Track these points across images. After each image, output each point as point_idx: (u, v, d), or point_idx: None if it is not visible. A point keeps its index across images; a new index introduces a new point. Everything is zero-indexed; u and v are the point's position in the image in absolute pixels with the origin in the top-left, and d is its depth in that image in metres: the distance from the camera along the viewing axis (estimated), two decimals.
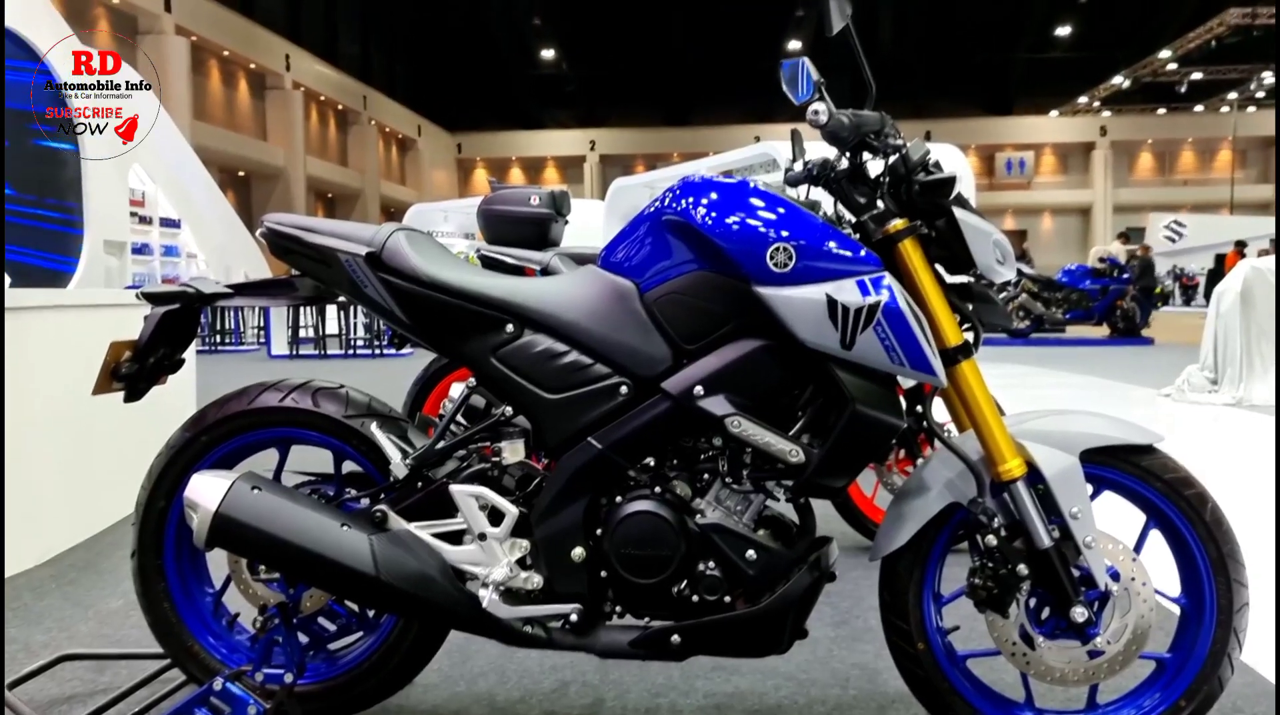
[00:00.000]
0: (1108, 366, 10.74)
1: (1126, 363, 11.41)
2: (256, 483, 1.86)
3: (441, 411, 2.19)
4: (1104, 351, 13.41)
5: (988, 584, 1.81)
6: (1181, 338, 14.81)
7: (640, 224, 1.88)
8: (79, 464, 3.63)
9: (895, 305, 1.71)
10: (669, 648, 1.84)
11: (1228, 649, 1.84)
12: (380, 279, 1.90)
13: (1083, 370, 10.27)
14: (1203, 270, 31.24)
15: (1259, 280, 7.59)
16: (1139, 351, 13.31)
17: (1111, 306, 14.63)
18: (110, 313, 3.86)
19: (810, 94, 1.85)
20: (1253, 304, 7.54)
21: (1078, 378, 9.59)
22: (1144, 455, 1.85)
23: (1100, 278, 14.64)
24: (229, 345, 15.72)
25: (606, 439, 1.84)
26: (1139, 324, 14.72)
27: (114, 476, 3.82)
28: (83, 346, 3.59)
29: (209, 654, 2.05)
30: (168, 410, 3.37)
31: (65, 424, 3.53)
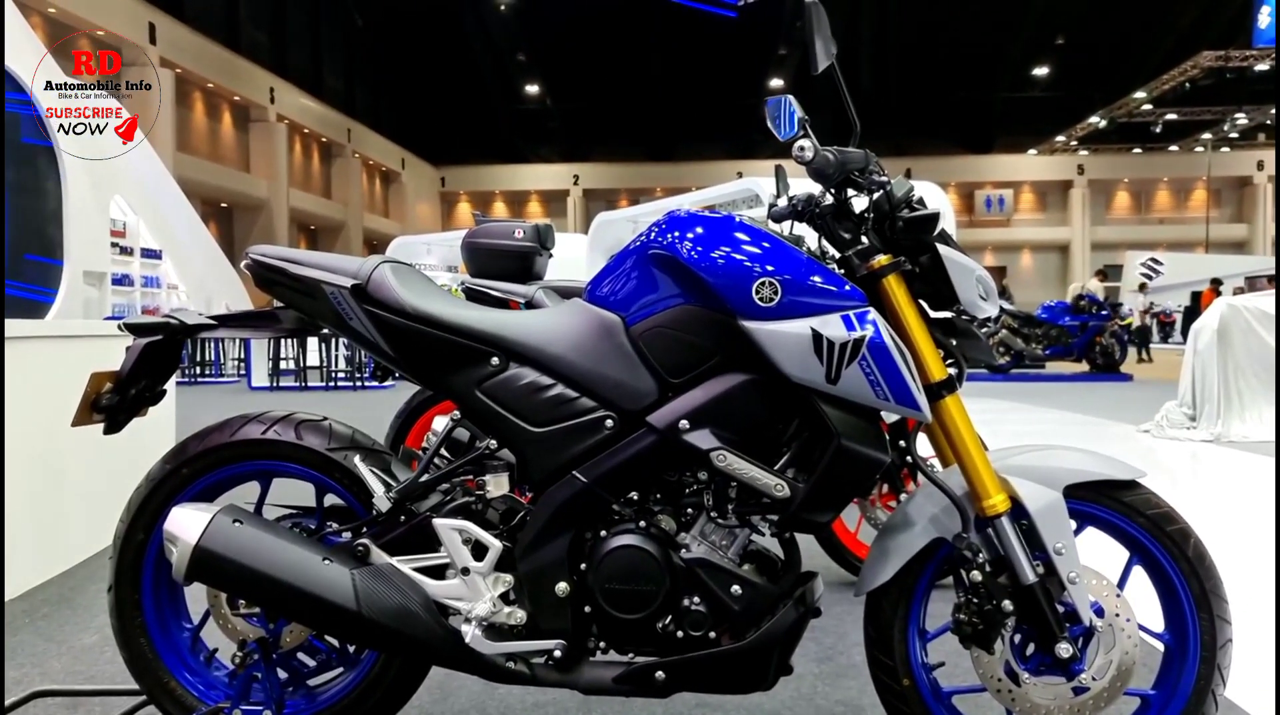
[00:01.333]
0: (1087, 402, 10.80)
1: (1106, 399, 11.48)
2: (238, 516, 1.84)
3: (425, 444, 2.18)
4: (1083, 387, 13.49)
5: (973, 620, 1.81)
6: (1159, 375, 14.94)
7: (626, 258, 1.89)
8: (53, 498, 3.58)
9: (880, 340, 1.72)
10: (653, 684, 1.83)
11: (1212, 685, 1.84)
12: (365, 311, 1.89)
13: (1062, 406, 10.33)
14: (1179, 307, 31.56)
15: (1235, 318, 7.66)
16: (1118, 388, 13.40)
17: (1091, 343, 14.74)
18: (87, 344, 3.84)
19: (795, 131, 1.88)
20: (1229, 342, 7.61)
21: (1057, 414, 9.64)
22: (1127, 491, 1.85)
23: (1080, 314, 14.76)
24: (209, 377, 15.63)
25: (591, 473, 1.83)
26: (1118, 360, 14.84)
27: (89, 510, 3.78)
28: (59, 378, 3.57)
29: (186, 690, 2.02)
30: (145, 443, 3.34)
31: (40, 457, 3.49)
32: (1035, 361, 14.96)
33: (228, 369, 16.41)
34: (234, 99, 30.45)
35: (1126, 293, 30.77)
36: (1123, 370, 14.97)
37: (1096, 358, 14.83)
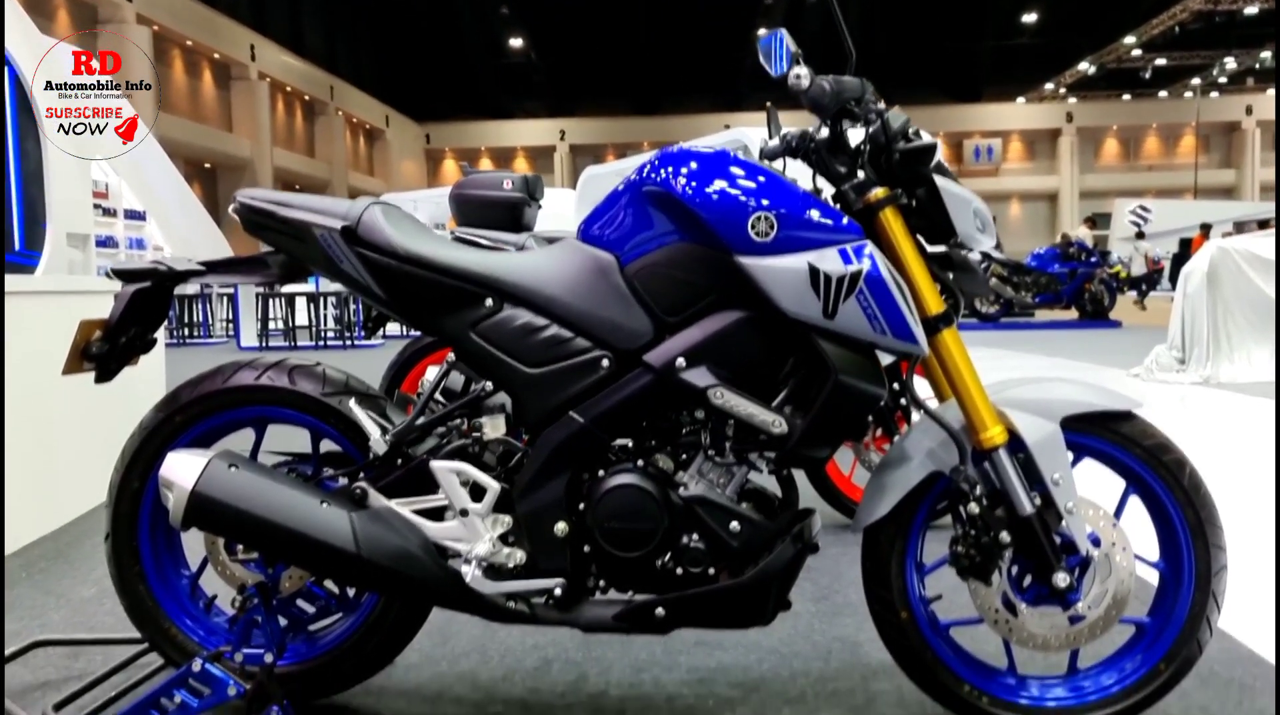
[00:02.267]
0: (1077, 348, 10.85)
1: (1095, 344, 11.53)
2: (233, 461, 1.83)
3: (420, 390, 2.18)
4: (1073, 334, 13.54)
5: (970, 552, 1.82)
6: (1148, 321, 14.98)
7: (620, 196, 1.87)
8: (46, 454, 3.57)
9: (877, 273, 1.71)
10: (653, 621, 1.84)
11: (1206, 612, 1.85)
12: (356, 254, 1.87)
13: (1052, 352, 10.37)
14: (1168, 254, 31.58)
15: (1225, 260, 7.67)
16: (1107, 334, 13.45)
17: (1080, 289, 14.77)
18: (78, 299, 3.80)
19: (788, 66, 1.85)
20: (1219, 284, 7.63)
21: (1047, 360, 9.67)
22: (1124, 422, 1.86)
23: (1069, 261, 14.77)
24: (197, 338, 15.56)
25: (588, 413, 1.82)
26: (1107, 307, 14.88)
27: (82, 466, 3.77)
28: (50, 334, 3.54)
29: (187, 636, 2.03)
30: (136, 396, 3.32)
31: (32, 414, 3.47)
32: (1024, 309, 15.00)
33: (216, 330, 16.34)
34: (214, 57, 30.04)
35: (1116, 241, 30.77)
36: (1113, 317, 15.01)
37: (1086, 305, 14.87)
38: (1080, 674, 1.93)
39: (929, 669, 1.90)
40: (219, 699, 1.84)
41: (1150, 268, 25.37)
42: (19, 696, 2.12)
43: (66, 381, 3.27)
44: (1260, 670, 2.19)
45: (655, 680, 2.18)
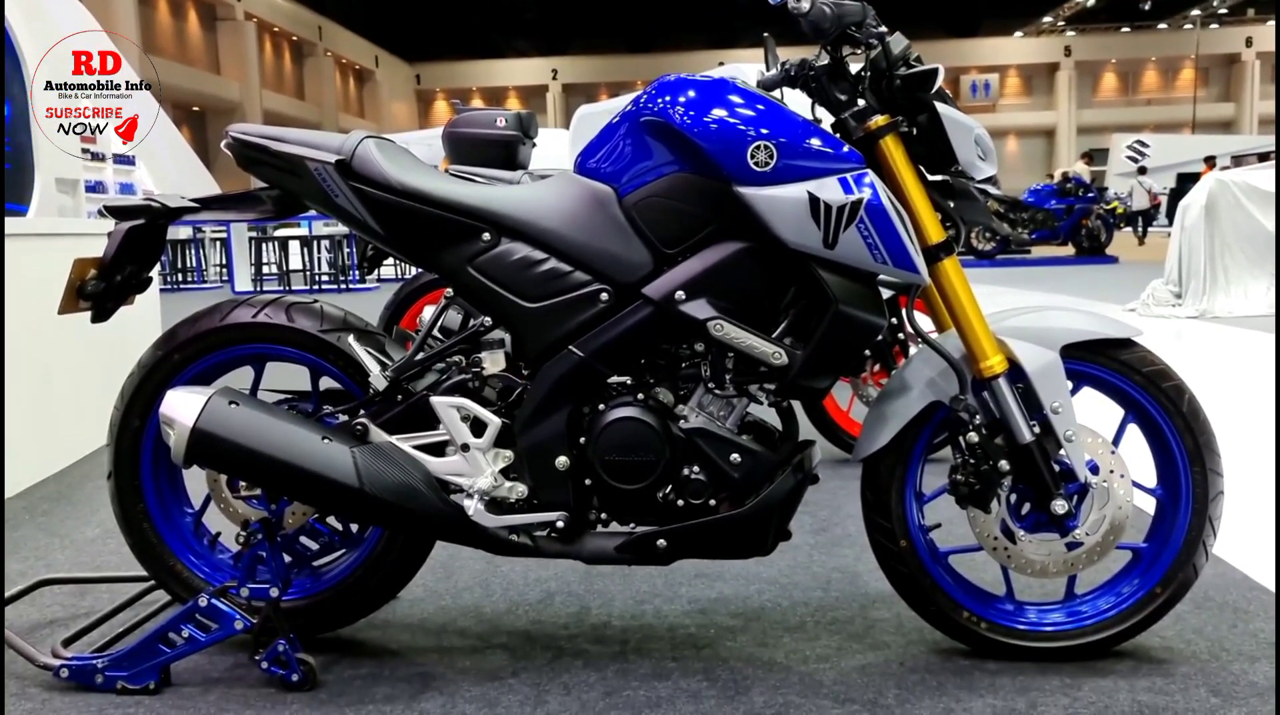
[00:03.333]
0: (1074, 284, 10.84)
1: (1092, 280, 11.53)
2: (234, 397, 1.83)
3: (418, 328, 2.17)
4: (1070, 270, 13.53)
5: (970, 480, 1.83)
6: (1145, 256, 14.96)
7: (617, 127, 1.84)
8: (44, 397, 3.57)
9: (878, 202, 1.70)
10: (655, 552, 1.85)
11: (1203, 536, 1.87)
12: (351, 188, 1.85)
13: (1049, 288, 10.37)
14: (1165, 189, 31.42)
15: (1223, 193, 7.64)
16: (1104, 270, 13.44)
17: (1077, 225, 14.72)
18: (73, 241, 3.78)
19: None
20: (1217, 217, 7.61)
21: (1043, 297, 9.66)
22: (1123, 349, 1.86)
23: (1066, 197, 14.70)
24: (191, 283, 15.49)
25: (588, 347, 1.82)
26: (1104, 242, 14.84)
27: (80, 408, 3.77)
28: (45, 276, 3.52)
29: (192, 573, 2.04)
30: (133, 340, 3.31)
31: (30, 356, 3.46)
32: (1021, 246, 14.97)
33: (210, 275, 16.28)
34: None
35: (1113, 176, 30.60)
36: (1110, 252, 14.98)
37: (1083, 240, 14.83)
38: (1078, 599, 1.95)
39: (928, 596, 1.92)
40: (226, 633, 1.86)
41: (1151, 202, 25.24)
42: (27, 634, 2.13)
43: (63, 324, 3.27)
44: (1254, 594, 2.21)
45: (657, 611, 2.20)
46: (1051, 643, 1.90)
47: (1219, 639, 2.00)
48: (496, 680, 1.89)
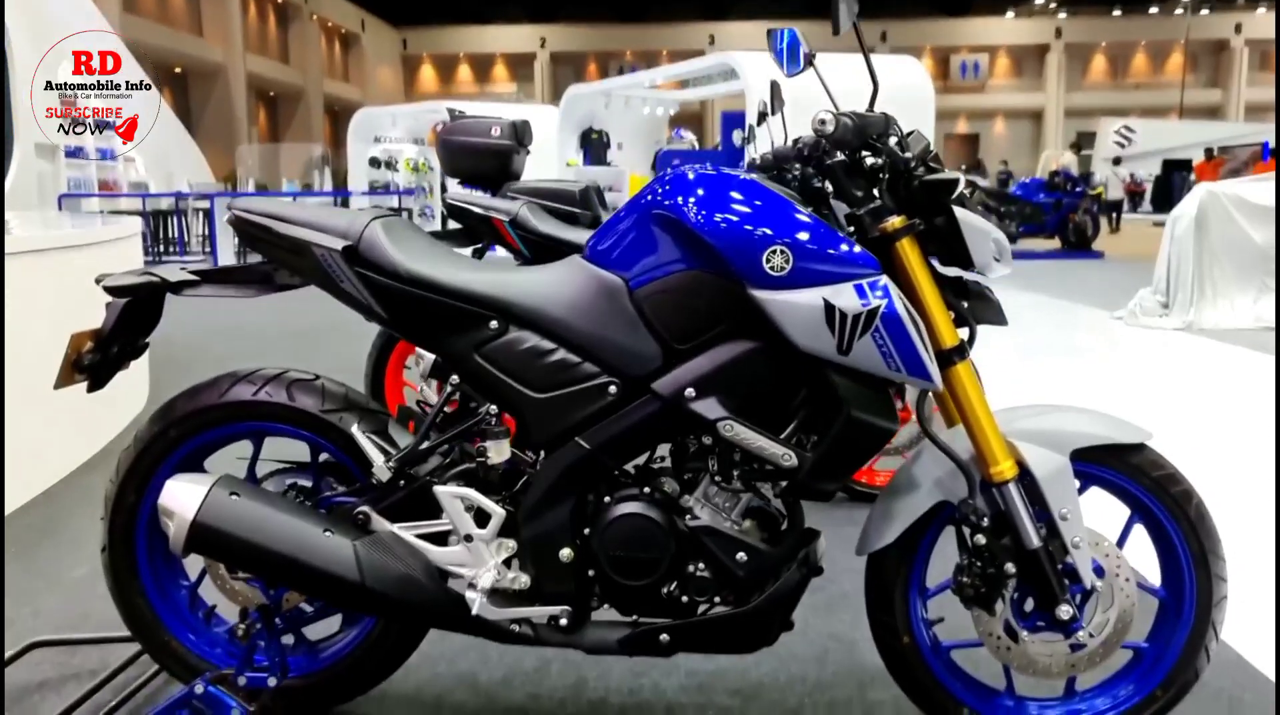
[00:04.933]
0: (1061, 284, 10.85)
1: (1079, 279, 11.55)
2: (234, 488, 1.79)
3: (419, 397, 2.14)
4: (1056, 266, 13.54)
5: (975, 582, 1.82)
6: (1129, 250, 15.01)
7: (628, 216, 1.81)
8: (24, 417, 3.51)
9: (893, 312, 1.67)
10: (657, 646, 1.84)
11: (1205, 641, 1.87)
12: (357, 274, 1.81)
13: (1037, 288, 10.36)
14: (1150, 176, 31.49)
15: (1214, 205, 7.66)
16: (1090, 267, 13.47)
17: (1064, 220, 14.74)
18: (48, 257, 3.71)
19: (800, 67, 1.84)
20: (1207, 229, 7.63)
21: (1032, 297, 9.66)
22: (1134, 453, 1.85)
23: (1054, 191, 14.71)
24: (173, 255, 15.29)
25: (595, 439, 1.80)
26: (1091, 237, 14.87)
27: (61, 427, 3.72)
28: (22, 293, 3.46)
29: (187, 650, 2.01)
30: None
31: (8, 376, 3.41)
32: (1008, 238, 14.96)
33: (192, 246, 16.09)
34: None
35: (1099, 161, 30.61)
36: (1094, 247, 15.02)
37: (1070, 235, 14.86)
38: (1077, 696, 1.95)
39: (928, 691, 1.92)
40: None
41: (1128, 189, 25.27)
42: (17, 700, 2.11)
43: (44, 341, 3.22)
44: (1249, 680, 2.23)
45: (654, 685, 2.20)
46: None
47: None
48: None
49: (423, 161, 18.77)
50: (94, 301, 1.97)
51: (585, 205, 4.45)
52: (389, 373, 3.63)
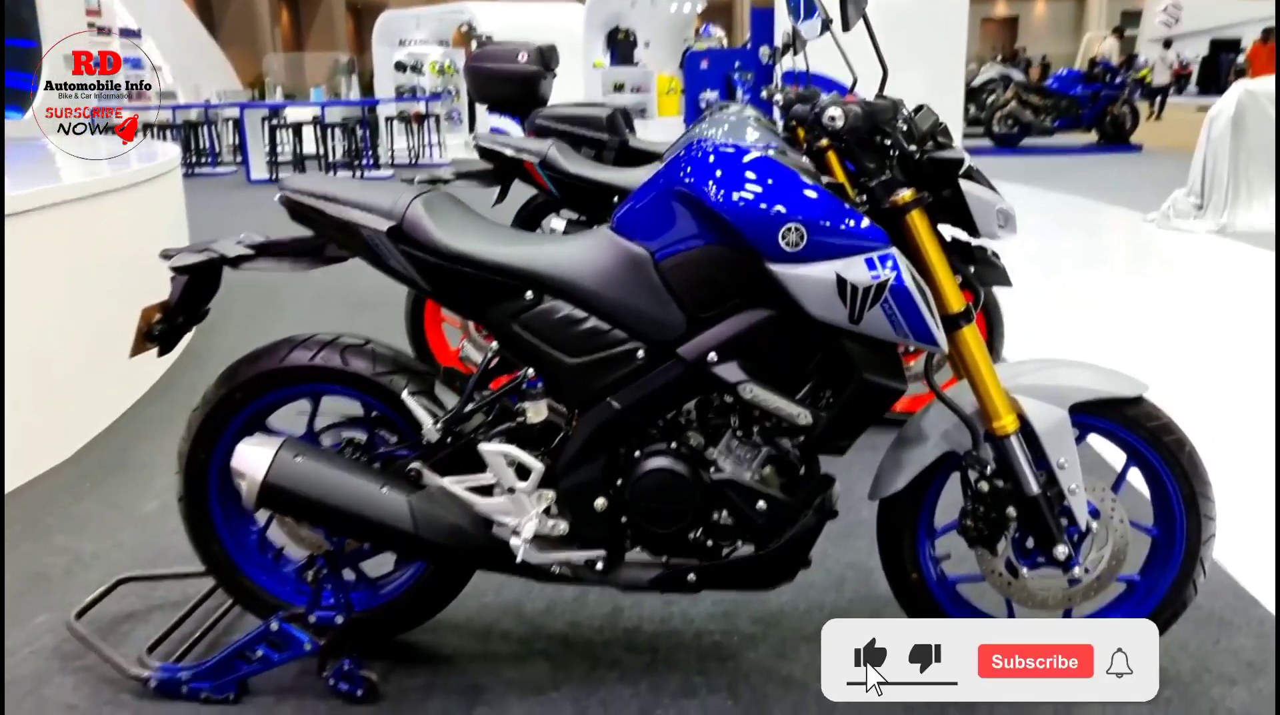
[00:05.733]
0: (1095, 182, 10.73)
1: (1114, 176, 11.40)
2: (298, 450, 1.97)
3: (462, 354, 2.30)
4: (1092, 161, 13.34)
5: (979, 525, 1.98)
6: (1168, 142, 14.71)
7: (652, 191, 1.92)
8: (87, 357, 3.71)
9: (902, 284, 1.78)
10: (685, 584, 2.02)
11: (1193, 575, 2.03)
12: (402, 252, 1.95)
13: (1069, 188, 10.27)
14: (1197, 57, 30.48)
15: (1252, 104, 7.54)
16: (1127, 161, 13.26)
17: (1102, 112, 14.44)
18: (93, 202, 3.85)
19: (816, 12, 2.02)
20: (1244, 129, 7.53)
21: (1064, 198, 9.61)
22: (1130, 405, 1.97)
23: (1092, 83, 14.37)
24: (205, 166, 15.40)
25: (625, 400, 1.94)
26: (1129, 130, 14.58)
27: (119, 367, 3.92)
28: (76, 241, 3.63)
29: (259, 587, 2.22)
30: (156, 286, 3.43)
31: (66, 321, 3.60)
32: (1043, 133, 14.71)
33: (224, 158, 16.17)
34: None
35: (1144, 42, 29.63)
36: (1133, 140, 14.73)
37: (1107, 128, 14.57)
38: None
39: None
40: (295, 654, 2.06)
41: (1176, 74, 24.52)
42: (110, 630, 2.34)
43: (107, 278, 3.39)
44: (1241, 604, 2.38)
45: (683, 613, 2.39)
46: None
47: (1202, 656, 2.18)
48: (540, 694, 2.09)
49: (448, 64, 18.59)
50: (142, 240, 2.11)
51: (613, 130, 4.52)
52: (429, 308, 3.79)
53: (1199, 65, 30.13)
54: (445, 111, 17.48)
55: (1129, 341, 4.84)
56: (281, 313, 5.55)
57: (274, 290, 5.88)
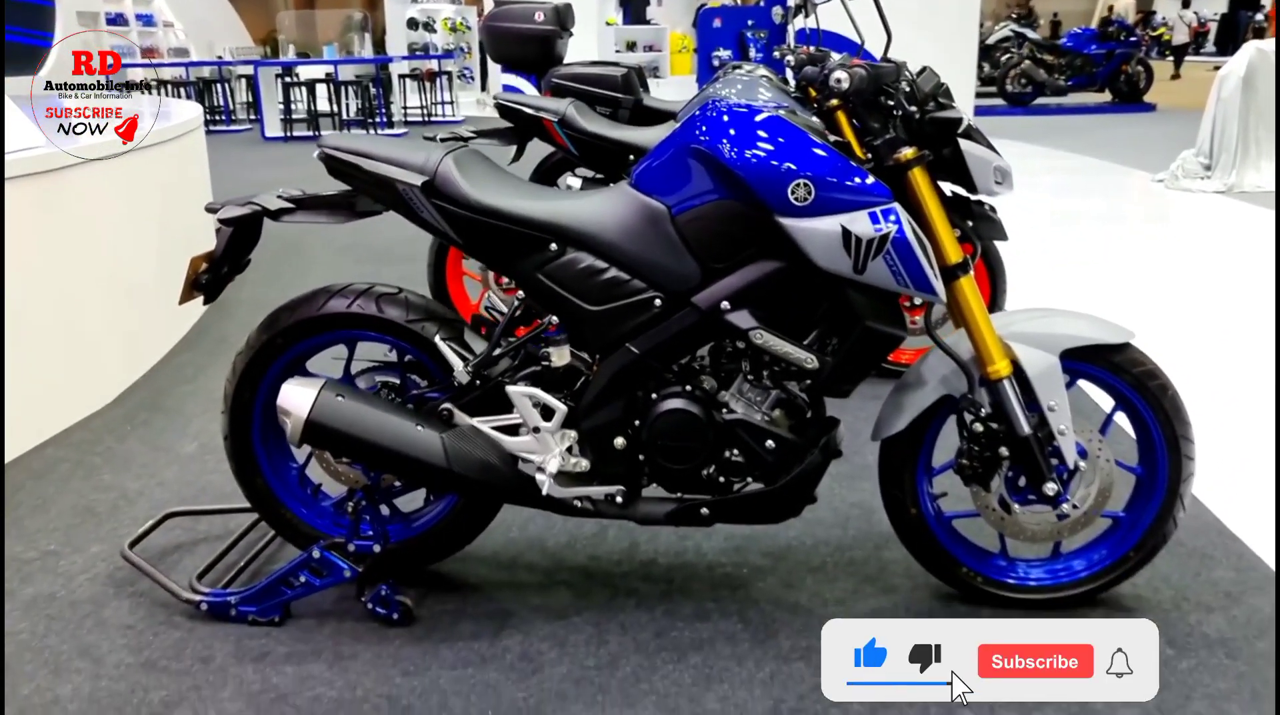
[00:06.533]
0: (1108, 143, 10.76)
1: (1127, 137, 11.42)
2: (339, 391, 2.11)
3: (487, 304, 2.43)
4: (1105, 121, 13.33)
5: (973, 463, 2.12)
6: (1183, 101, 14.66)
7: (669, 149, 2.04)
8: (125, 307, 3.87)
9: (903, 236, 1.91)
10: (698, 518, 2.17)
11: (1174, 511, 2.16)
12: (435, 205, 2.08)
13: (1082, 149, 10.31)
14: (1215, 15, 30.14)
15: (1263, 63, 7.56)
16: (1140, 121, 13.24)
17: (1116, 71, 14.39)
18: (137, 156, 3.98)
19: None
20: (1255, 89, 7.56)
21: (1076, 160, 9.66)
22: (1117, 352, 2.10)
23: (1106, 41, 14.31)
24: (219, 124, 15.48)
25: (643, 346, 2.08)
26: (1143, 89, 14.53)
27: (157, 312, 4.08)
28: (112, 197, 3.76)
29: (299, 519, 2.38)
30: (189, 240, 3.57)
31: (112, 269, 3.75)
32: (1057, 92, 14.67)
33: (239, 115, 16.24)
34: None
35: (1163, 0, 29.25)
36: (1147, 99, 14.68)
37: (1121, 87, 14.52)
38: (1062, 558, 2.27)
39: (933, 555, 2.24)
40: (336, 580, 2.21)
41: (1194, 32, 24.29)
42: (160, 560, 2.50)
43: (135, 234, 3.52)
44: (1222, 540, 2.53)
45: (697, 547, 2.54)
46: (1036, 595, 2.24)
47: (1182, 587, 2.33)
48: (564, 619, 2.25)
49: (460, 21, 18.55)
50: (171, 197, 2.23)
51: (628, 89, 4.62)
52: (450, 262, 3.92)
53: (1217, 23, 29.81)
54: (458, 69, 17.49)
55: (1124, 295, 4.98)
56: (307, 268, 5.68)
57: (295, 246, 6.02)
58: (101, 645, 2.18)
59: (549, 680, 2.04)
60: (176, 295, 2.24)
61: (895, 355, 3.69)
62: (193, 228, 4.67)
